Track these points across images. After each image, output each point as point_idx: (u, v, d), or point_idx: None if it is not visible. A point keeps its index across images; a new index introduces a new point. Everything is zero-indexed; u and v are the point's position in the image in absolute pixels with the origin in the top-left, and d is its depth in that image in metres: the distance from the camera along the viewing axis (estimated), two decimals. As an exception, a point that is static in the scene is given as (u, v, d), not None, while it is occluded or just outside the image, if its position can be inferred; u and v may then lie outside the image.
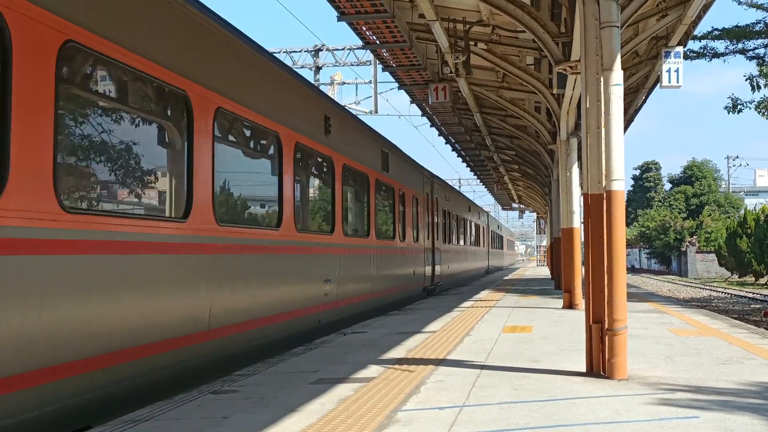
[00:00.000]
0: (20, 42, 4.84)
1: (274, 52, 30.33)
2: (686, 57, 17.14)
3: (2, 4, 4.66)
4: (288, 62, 31.00)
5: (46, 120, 5.08)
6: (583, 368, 6.84)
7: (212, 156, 7.47)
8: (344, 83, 33.81)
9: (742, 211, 50.34)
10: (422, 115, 23.86)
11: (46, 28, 5.10)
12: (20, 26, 4.83)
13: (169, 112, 7.07)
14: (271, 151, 9.43)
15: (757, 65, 22.93)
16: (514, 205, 62.32)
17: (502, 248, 60.24)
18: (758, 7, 23.17)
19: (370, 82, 30.99)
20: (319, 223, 11.72)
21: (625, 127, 19.84)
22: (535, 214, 68.73)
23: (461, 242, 29.53)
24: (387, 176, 15.65)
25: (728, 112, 22.87)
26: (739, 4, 23.35)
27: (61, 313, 5.17)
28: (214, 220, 7.43)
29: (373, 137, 14.97)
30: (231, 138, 8.59)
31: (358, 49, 30.91)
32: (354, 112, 24.32)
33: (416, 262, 18.90)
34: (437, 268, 22.06)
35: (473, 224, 34.27)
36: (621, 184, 6.64)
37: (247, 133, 8.92)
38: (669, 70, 13.00)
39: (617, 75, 6.66)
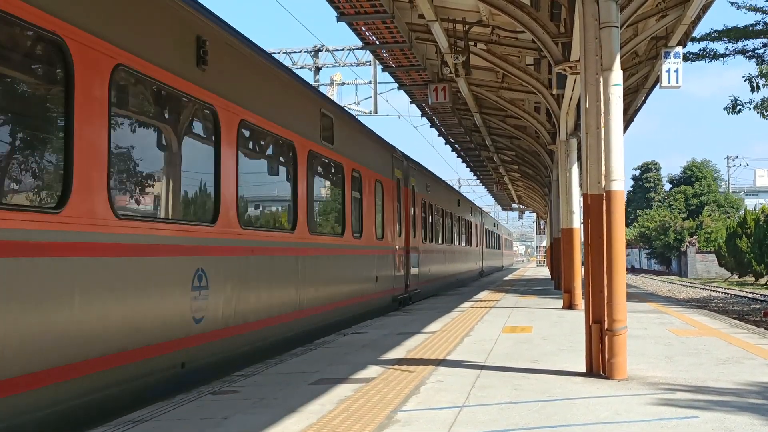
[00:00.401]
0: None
1: (274, 53, 30.36)
2: (686, 59, 17.17)
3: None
4: (288, 63, 31.02)
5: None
6: (583, 368, 6.84)
7: None
8: (344, 84, 33.81)
9: (742, 212, 50.39)
10: (422, 116, 23.88)
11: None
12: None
13: None
14: (54, 74, 5.53)
15: (756, 64, 22.94)
16: (514, 206, 62.37)
17: (499, 248, 54.95)
18: (757, 10, 23.19)
19: (370, 82, 31.01)
20: (189, 209, 7.68)
21: (625, 128, 19.83)
22: (534, 215, 68.77)
23: (447, 241, 25.54)
24: (330, 149, 11.60)
25: (728, 113, 22.90)
26: (738, 8, 23.38)
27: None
28: None
29: (304, 93, 10.96)
30: None
31: (357, 49, 30.91)
32: (354, 113, 24.21)
33: (381, 265, 14.79)
34: (414, 271, 18.14)
35: (463, 221, 30.27)
36: (621, 185, 6.65)
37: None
38: (669, 71, 13.00)
39: (617, 75, 6.66)
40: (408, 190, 17.93)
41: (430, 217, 21.59)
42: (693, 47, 23.27)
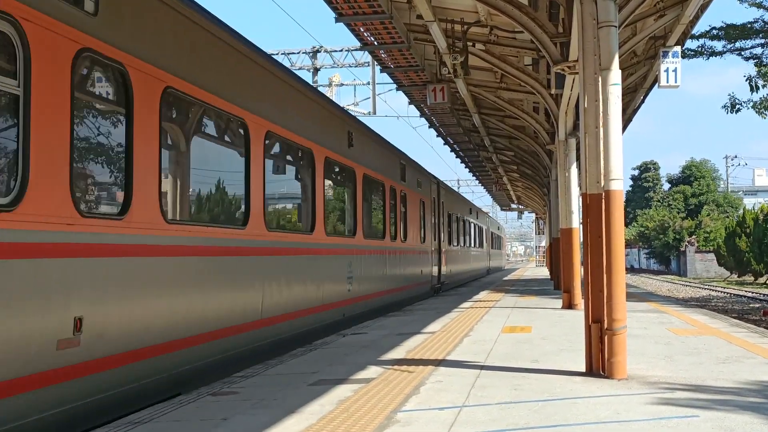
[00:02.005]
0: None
1: (272, 54, 30.37)
2: (684, 56, 17.16)
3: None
4: (286, 64, 31.04)
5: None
6: (582, 368, 6.84)
7: None
8: (342, 85, 33.80)
9: (741, 211, 50.39)
10: (421, 116, 23.86)
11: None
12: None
13: None
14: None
15: (755, 65, 22.94)
16: (513, 206, 62.36)
17: (481, 245, 39.23)
18: (759, 6, 23.15)
19: (369, 83, 31.02)
20: None
21: (624, 127, 19.82)
22: (533, 215, 68.76)
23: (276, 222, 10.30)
24: None
25: (726, 112, 22.89)
26: (740, 2, 23.32)
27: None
28: None
29: None
30: None
31: (356, 50, 30.90)
32: (353, 113, 24.18)
33: None
34: None
35: (372, 184, 14.81)
36: (619, 184, 6.64)
37: None
38: (667, 70, 13.00)
39: (615, 74, 6.66)
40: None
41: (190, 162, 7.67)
42: (691, 44, 23.25)
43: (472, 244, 34.38)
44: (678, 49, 13.21)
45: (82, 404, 5.47)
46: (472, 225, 34.26)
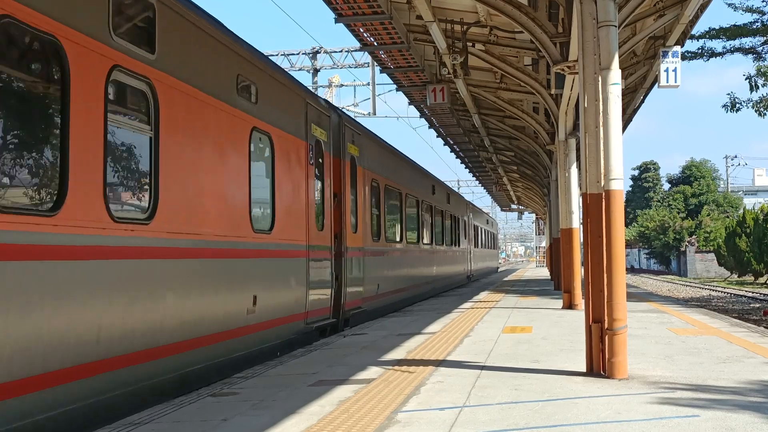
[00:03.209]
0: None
1: (271, 55, 30.37)
2: (684, 57, 17.15)
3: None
4: (285, 65, 31.03)
5: None
6: (583, 368, 6.83)
7: None
8: (342, 85, 33.83)
9: (741, 211, 50.41)
10: (420, 117, 23.86)
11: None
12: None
13: None
14: None
15: (753, 61, 22.94)
16: (513, 206, 62.39)
17: (455, 242, 27.45)
18: (753, 10, 23.17)
19: (368, 84, 31.04)
20: None
21: (624, 127, 19.82)
22: (534, 215, 68.77)
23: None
24: None
25: (726, 111, 22.89)
26: (734, 9, 23.37)
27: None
28: None
29: None
30: None
31: (355, 51, 30.92)
32: (352, 115, 24.11)
33: None
34: None
35: (91, 81, 5.42)
36: (620, 184, 6.64)
37: None
38: (667, 70, 13.00)
39: (615, 74, 6.66)
40: None
41: None
42: (691, 45, 23.28)
43: (437, 241, 23.06)
44: (678, 48, 13.21)
45: None
46: (439, 212, 23.22)
